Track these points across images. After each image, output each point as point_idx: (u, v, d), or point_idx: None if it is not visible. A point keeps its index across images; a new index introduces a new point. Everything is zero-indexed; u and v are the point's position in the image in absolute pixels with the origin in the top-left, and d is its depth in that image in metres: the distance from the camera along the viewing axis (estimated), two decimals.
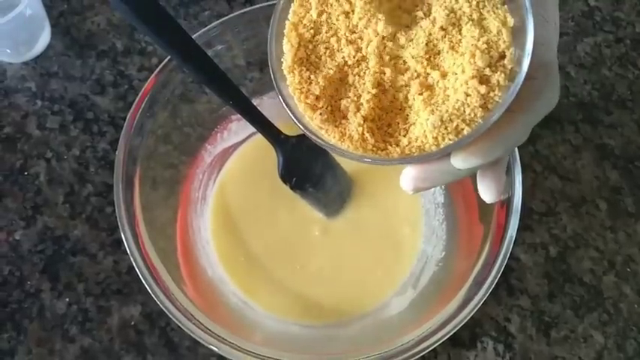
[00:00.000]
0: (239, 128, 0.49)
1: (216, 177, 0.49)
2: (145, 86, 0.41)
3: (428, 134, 0.24)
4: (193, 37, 0.35)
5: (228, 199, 0.48)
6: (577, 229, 0.48)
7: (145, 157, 0.41)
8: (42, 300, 0.45)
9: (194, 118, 0.46)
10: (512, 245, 0.36)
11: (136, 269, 0.36)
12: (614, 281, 0.46)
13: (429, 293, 0.42)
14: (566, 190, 0.49)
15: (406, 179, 0.27)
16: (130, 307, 0.45)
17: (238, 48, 0.45)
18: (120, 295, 0.45)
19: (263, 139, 0.41)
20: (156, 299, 0.35)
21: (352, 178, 0.48)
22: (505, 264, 0.36)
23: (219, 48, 0.43)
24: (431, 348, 0.34)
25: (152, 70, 0.45)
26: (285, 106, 0.26)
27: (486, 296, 0.35)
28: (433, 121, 0.24)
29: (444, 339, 0.34)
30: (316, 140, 0.26)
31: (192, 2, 0.57)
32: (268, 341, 0.40)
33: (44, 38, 0.54)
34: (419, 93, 0.25)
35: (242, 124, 0.47)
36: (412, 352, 0.34)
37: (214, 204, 0.48)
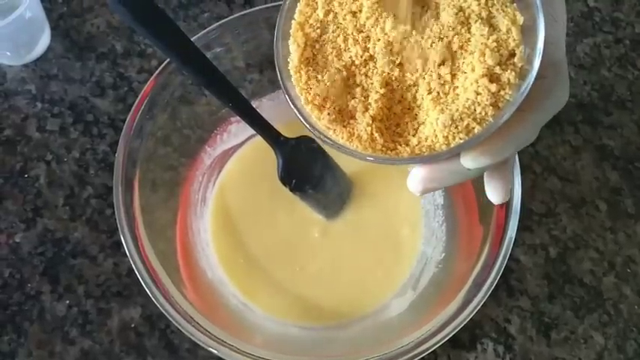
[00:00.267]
0: (238, 130, 0.49)
1: (215, 179, 0.49)
2: (145, 88, 0.41)
3: (438, 133, 0.24)
4: (192, 40, 0.35)
5: (227, 201, 0.48)
6: (577, 230, 0.48)
7: (145, 159, 0.41)
8: (42, 302, 0.45)
9: (194, 120, 0.46)
10: (511, 246, 0.36)
11: (136, 272, 0.36)
12: (614, 282, 0.46)
13: (429, 295, 0.42)
14: (565, 191, 0.49)
15: (415, 180, 0.27)
16: (130, 309, 0.45)
17: (238, 50, 0.45)
18: (120, 298, 0.45)
19: (262, 141, 0.41)
20: (155, 302, 0.35)
21: (352, 180, 0.48)
22: (505, 265, 0.36)
23: (218, 50, 0.43)
24: (431, 350, 0.34)
25: (152, 72, 0.45)
26: (292, 107, 0.25)
27: (486, 298, 0.35)
28: (444, 120, 0.23)
29: (444, 341, 0.34)
30: (324, 140, 0.25)
31: (191, 4, 0.57)
32: (268, 343, 0.40)
33: (44, 41, 0.54)
34: (428, 92, 0.24)
35: (242, 126, 0.47)
36: (412, 354, 0.34)
37: (214, 206, 0.48)
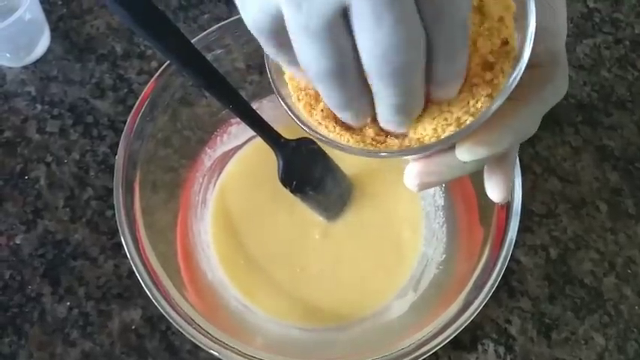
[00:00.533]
0: (239, 132, 0.49)
1: (216, 180, 0.49)
2: (145, 90, 0.41)
3: (427, 125, 0.23)
4: (193, 41, 0.35)
5: (228, 203, 0.48)
6: (577, 231, 0.48)
7: (145, 161, 0.41)
8: (43, 304, 0.45)
9: (194, 122, 0.46)
10: (512, 247, 0.36)
11: (136, 274, 0.36)
12: (614, 283, 0.46)
13: (430, 296, 0.42)
14: (566, 192, 0.49)
15: (410, 176, 0.26)
16: (131, 311, 0.45)
17: (238, 51, 0.45)
18: (121, 299, 0.45)
19: (263, 143, 0.41)
20: (156, 304, 0.35)
21: (352, 181, 0.48)
22: (506, 266, 0.36)
23: (218, 52, 0.43)
24: (432, 351, 0.34)
25: (152, 74, 0.45)
26: (283, 105, 0.25)
27: (487, 299, 0.35)
28: (432, 112, 0.23)
29: (445, 342, 0.34)
30: (315, 136, 0.25)
31: (191, 6, 0.57)
32: (268, 345, 0.40)
33: (44, 42, 0.54)
34: None
35: (242, 128, 0.47)
36: (413, 356, 0.34)
37: (214, 207, 0.48)
